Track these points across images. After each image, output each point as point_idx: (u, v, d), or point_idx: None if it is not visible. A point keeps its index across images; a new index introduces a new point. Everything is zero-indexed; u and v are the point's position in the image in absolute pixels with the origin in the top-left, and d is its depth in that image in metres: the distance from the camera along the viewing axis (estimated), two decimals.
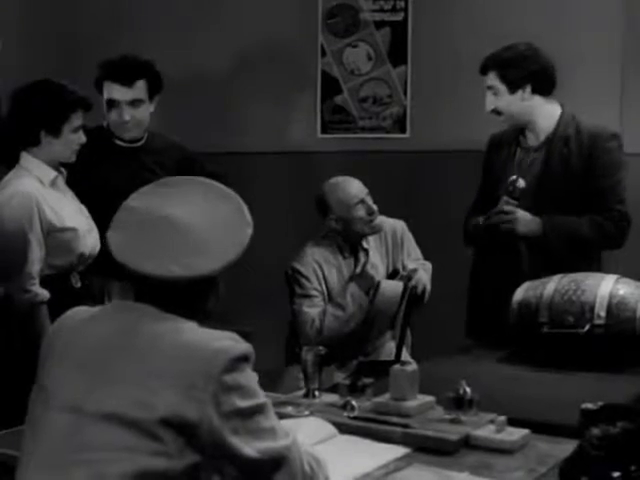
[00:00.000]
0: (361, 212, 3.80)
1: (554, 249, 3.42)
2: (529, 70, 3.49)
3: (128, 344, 1.78)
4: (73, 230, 3.21)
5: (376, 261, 3.87)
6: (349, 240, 3.86)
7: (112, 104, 3.64)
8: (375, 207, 3.81)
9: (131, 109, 3.65)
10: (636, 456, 1.87)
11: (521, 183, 3.44)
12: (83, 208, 3.36)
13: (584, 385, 2.72)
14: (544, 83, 3.52)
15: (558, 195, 3.44)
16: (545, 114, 3.52)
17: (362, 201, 3.81)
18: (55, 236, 3.17)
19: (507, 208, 3.43)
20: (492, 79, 3.51)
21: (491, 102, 3.54)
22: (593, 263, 3.49)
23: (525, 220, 3.42)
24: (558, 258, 3.38)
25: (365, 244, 3.89)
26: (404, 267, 3.80)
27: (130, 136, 3.72)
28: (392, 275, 3.85)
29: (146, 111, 3.70)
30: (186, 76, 4.88)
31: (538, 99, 3.52)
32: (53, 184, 3.24)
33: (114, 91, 3.63)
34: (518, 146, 3.59)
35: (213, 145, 4.73)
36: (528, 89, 3.50)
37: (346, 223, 3.81)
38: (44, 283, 3.16)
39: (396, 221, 3.96)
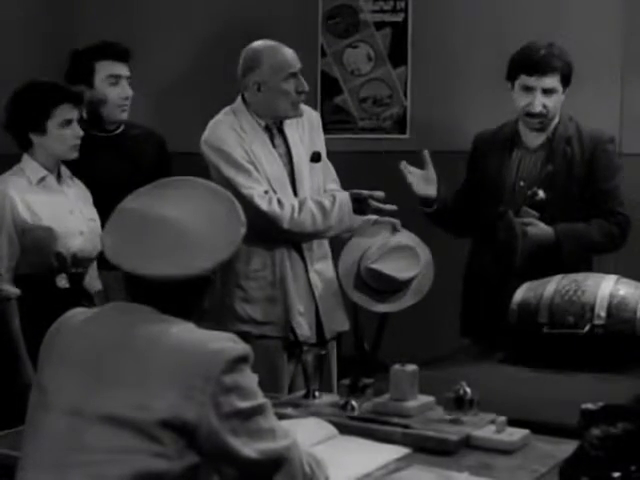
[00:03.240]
0: (291, 86, 3.35)
1: (566, 256, 3.38)
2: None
3: (127, 346, 1.78)
4: (47, 229, 3.18)
5: (296, 146, 3.46)
6: (265, 116, 3.40)
7: (114, 82, 3.57)
8: (307, 86, 3.37)
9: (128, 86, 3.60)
10: (636, 456, 1.87)
11: (541, 194, 3.41)
12: (85, 210, 3.33)
13: (584, 385, 2.72)
14: None
15: (561, 196, 3.43)
16: None
17: (295, 75, 3.36)
18: (28, 234, 3.17)
19: (526, 220, 3.37)
20: (555, 81, 3.41)
21: (541, 102, 3.40)
22: (583, 262, 3.48)
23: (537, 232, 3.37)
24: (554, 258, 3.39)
25: (283, 126, 3.46)
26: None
27: (124, 117, 3.64)
28: (314, 158, 3.46)
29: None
30: (184, 75, 4.88)
31: None
32: (42, 183, 3.24)
33: (115, 68, 3.56)
34: (515, 146, 3.55)
35: None
36: (566, 89, 3.48)
37: (272, 95, 3.35)
38: (23, 282, 3.16)
39: (311, 109, 3.60)
